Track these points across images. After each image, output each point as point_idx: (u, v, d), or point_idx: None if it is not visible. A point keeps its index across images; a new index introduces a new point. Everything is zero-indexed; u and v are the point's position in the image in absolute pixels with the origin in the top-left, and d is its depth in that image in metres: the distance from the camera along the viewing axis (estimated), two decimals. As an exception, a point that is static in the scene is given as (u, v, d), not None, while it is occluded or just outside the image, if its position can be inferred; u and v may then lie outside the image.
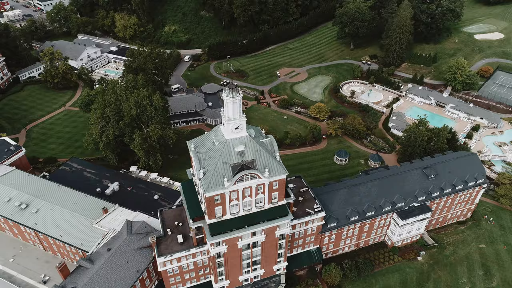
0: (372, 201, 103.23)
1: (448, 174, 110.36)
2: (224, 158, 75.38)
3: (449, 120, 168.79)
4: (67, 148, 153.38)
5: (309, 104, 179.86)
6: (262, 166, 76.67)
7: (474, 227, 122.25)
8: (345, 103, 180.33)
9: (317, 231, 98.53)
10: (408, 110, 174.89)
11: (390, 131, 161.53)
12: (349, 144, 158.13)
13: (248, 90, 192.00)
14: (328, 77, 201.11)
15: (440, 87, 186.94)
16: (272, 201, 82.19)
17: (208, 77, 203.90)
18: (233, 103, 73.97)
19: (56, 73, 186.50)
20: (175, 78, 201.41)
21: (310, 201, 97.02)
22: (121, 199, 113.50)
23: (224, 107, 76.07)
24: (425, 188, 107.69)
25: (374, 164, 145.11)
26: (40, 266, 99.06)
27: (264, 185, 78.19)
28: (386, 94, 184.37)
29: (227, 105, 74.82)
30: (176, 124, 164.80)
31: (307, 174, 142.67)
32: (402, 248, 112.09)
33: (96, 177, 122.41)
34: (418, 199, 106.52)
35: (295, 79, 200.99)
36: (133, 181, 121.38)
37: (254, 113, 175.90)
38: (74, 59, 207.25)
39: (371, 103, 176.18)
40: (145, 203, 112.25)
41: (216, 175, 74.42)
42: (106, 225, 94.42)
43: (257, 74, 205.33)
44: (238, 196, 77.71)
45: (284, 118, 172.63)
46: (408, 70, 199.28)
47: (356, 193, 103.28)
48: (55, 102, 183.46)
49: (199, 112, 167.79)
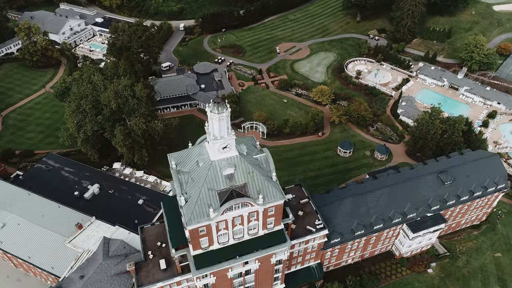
0: (380, 212, 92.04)
1: (466, 179, 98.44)
2: (209, 183, 63.21)
3: (463, 105, 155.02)
4: (46, 138, 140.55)
5: (311, 85, 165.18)
6: (255, 191, 64.64)
7: (489, 231, 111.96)
8: (350, 84, 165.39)
9: (318, 248, 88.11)
10: (419, 93, 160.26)
11: (399, 117, 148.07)
12: (354, 133, 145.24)
13: (245, 69, 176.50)
14: (332, 54, 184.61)
15: (454, 66, 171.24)
16: (268, 226, 70.93)
17: (201, 53, 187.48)
18: (219, 120, 60.62)
19: (35, 50, 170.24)
20: (166, 54, 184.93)
21: (311, 216, 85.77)
22: (101, 204, 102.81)
23: (208, 124, 62.71)
24: (440, 196, 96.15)
25: (381, 157, 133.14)
26: (11, 285, 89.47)
27: (258, 212, 66.57)
28: (395, 74, 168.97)
29: (211, 121, 61.41)
30: (165, 109, 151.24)
31: (307, 168, 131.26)
32: (411, 259, 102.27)
33: (74, 177, 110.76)
34: (432, 209, 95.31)
35: (296, 56, 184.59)
36: (116, 182, 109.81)
37: (251, 95, 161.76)
38: (56, 32, 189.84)
39: (378, 85, 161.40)
40: (128, 209, 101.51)
41: (200, 204, 62.57)
42: (80, 244, 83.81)
43: (254, 50, 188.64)
44: (227, 225, 66.29)
45: (284, 102, 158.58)
46: (419, 47, 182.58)
47: (363, 203, 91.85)
48: (35, 83, 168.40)
49: (190, 96, 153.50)
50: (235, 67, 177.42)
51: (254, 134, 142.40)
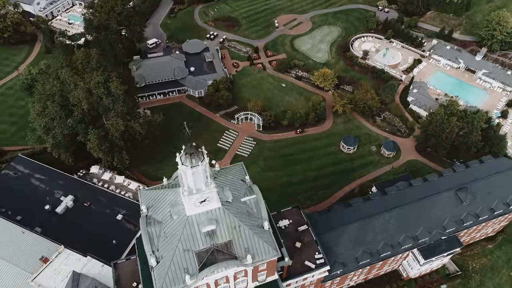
0: (389, 238, 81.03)
1: (486, 196, 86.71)
2: (185, 244, 51.36)
3: (479, 91, 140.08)
4: (20, 130, 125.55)
5: (313, 66, 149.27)
6: (242, 250, 52.98)
7: (505, 244, 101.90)
8: (356, 65, 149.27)
9: (318, 282, 78.07)
10: (431, 76, 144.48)
11: (409, 106, 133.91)
12: (359, 124, 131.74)
13: (240, 46, 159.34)
14: (336, 29, 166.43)
15: (471, 45, 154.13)
16: (259, 279, 60.07)
17: (191, 27, 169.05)
18: (193, 174, 47.48)
19: (5, 25, 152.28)
20: (153, 28, 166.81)
21: (311, 247, 74.77)
22: (75, 220, 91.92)
23: (181, 176, 49.40)
24: (456, 216, 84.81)
25: (388, 154, 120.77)
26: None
27: (247, 270, 55.35)
28: (405, 54, 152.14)
29: (184, 174, 48.21)
30: (151, 96, 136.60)
31: (307, 167, 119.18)
32: (419, 281, 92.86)
33: (46, 186, 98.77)
34: (447, 231, 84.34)
35: (296, 31, 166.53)
36: (92, 192, 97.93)
37: (246, 79, 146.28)
38: (29, 3, 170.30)
39: (387, 68, 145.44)
40: (105, 226, 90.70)
41: (174, 269, 51.09)
42: (45, 282, 73.37)
43: (251, 24, 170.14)
44: (210, 286, 55.29)
45: (282, 87, 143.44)
46: (434, 21, 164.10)
47: (369, 228, 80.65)
48: (7, 64, 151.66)
49: (179, 81, 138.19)
50: (228, 44, 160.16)
51: (249, 126, 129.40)
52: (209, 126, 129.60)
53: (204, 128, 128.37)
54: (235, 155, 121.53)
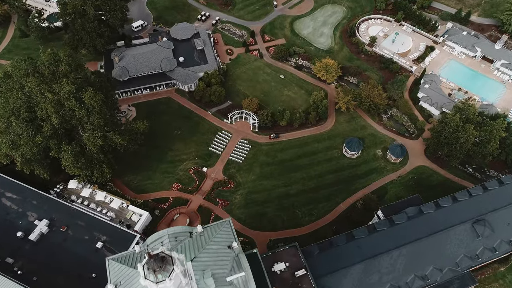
0: (396, 279, 73.03)
1: (505, 228, 77.96)
2: None
3: (496, 84, 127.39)
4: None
5: (314, 53, 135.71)
6: None
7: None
8: (362, 53, 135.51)
9: (316, 330, 70.96)
10: (445, 66, 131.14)
11: (419, 103, 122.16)
12: (364, 123, 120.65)
13: (234, 29, 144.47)
14: (341, 9, 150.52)
15: (490, 29, 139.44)
16: None
17: (181, 6, 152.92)
18: (162, 284, 37.68)
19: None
20: (138, 7, 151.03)
21: (309, 296, 67.05)
22: (49, 249, 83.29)
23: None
24: (471, 251, 76.55)
25: (394, 159, 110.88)
26: None
27: None
28: (416, 40, 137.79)
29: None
30: (136, 91, 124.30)
31: (306, 174, 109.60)
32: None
33: (18, 207, 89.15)
34: (459, 268, 76.30)
35: (297, 11, 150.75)
36: (70, 215, 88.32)
37: (240, 68, 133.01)
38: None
39: (396, 57, 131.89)
40: (83, 256, 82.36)
41: None
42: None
43: (246, 1, 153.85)
44: None
45: (281, 78, 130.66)
46: (449, 1, 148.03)
47: (375, 269, 72.43)
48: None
49: (166, 73, 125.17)
50: (222, 27, 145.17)
51: (244, 125, 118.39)
52: (200, 126, 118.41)
53: (195, 128, 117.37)
54: (228, 160, 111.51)
